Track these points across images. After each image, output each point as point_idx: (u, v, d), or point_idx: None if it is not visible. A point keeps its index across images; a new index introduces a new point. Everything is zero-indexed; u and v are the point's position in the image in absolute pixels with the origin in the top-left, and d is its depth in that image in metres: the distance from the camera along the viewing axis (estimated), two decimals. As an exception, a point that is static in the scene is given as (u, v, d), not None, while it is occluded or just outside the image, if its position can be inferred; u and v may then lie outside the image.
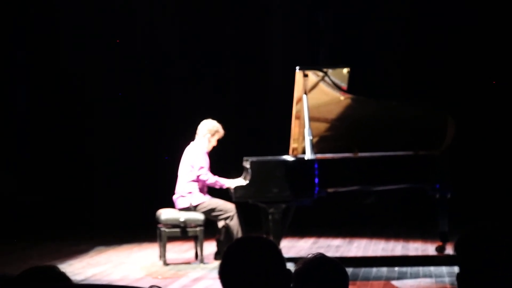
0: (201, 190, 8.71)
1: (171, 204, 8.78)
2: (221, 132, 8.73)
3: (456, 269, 2.58)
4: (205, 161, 8.69)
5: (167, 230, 8.59)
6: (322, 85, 8.28)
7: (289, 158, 8.39)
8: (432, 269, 7.96)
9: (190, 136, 8.80)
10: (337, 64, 8.57)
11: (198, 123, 8.76)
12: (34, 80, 12.03)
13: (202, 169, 8.63)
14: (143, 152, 11.87)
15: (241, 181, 8.30)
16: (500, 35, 11.26)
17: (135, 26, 12.02)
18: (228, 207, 8.55)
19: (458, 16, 11.27)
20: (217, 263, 8.41)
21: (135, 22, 12.03)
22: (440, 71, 11.30)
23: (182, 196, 8.68)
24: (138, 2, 12.11)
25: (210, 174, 8.64)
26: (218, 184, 8.58)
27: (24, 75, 12.03)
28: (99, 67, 11.96)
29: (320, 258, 2.94)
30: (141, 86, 11.97)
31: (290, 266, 2.62)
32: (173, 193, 8.77)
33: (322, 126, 8.56)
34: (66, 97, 12.01)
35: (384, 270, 8.02)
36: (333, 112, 8.50)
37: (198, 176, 8.63)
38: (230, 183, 8.38)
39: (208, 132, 8.70)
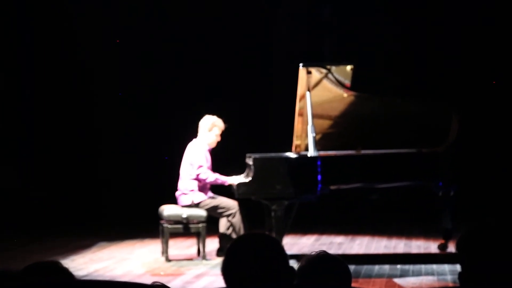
0: (203, 187, 8.70)
1: (174, 200, 8.77)
2: (221, 126, 8.72)
3: (458, 267, 2.58)
4: (204, 160, 8.66)
5: (169, 226, 8.59)
6: (325, 82, 8.27)
7: (292, 155, 8.39)
8: (434, 267, 7.95)
9: (193, 132, 8.80)
10: (340, 61, 8.56)
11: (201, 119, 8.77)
12: (40, 76, 12.01)
13: (201, 168, 8.61)
14: (146, 148, 11.86)
15: (241, 178, 8.30)
16: (506, 29, 11.23)
17: (139, 24, 12.00)
18: (230, 204, 8.55)
19: (464, 10, 11.23)
20: (219, 259, 8.41)
21: (138, 20, 12.00)
22: (446, 66, 11.27)
23: (184, 193, 8.68)
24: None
25: (209, 172, 8.62)
26: (219, 181, 8.56)
27: (30, 71, 12.02)
28: (107, 63, 11.93)
29: (322, 256, 2.95)
30: (144, 83, 11.95)
31: (293, 263, 2.62)
32: (176, 190, 8.77)
33: (325, 123, 8.55)
34: (72, 94, 12.01)
35: (386, 267, 8.01)
36: (337, 109, 8.49)
37: (197, 175, 8.62)
38: (231, 180, 8.38)
39: (209, 127, 8.69)
